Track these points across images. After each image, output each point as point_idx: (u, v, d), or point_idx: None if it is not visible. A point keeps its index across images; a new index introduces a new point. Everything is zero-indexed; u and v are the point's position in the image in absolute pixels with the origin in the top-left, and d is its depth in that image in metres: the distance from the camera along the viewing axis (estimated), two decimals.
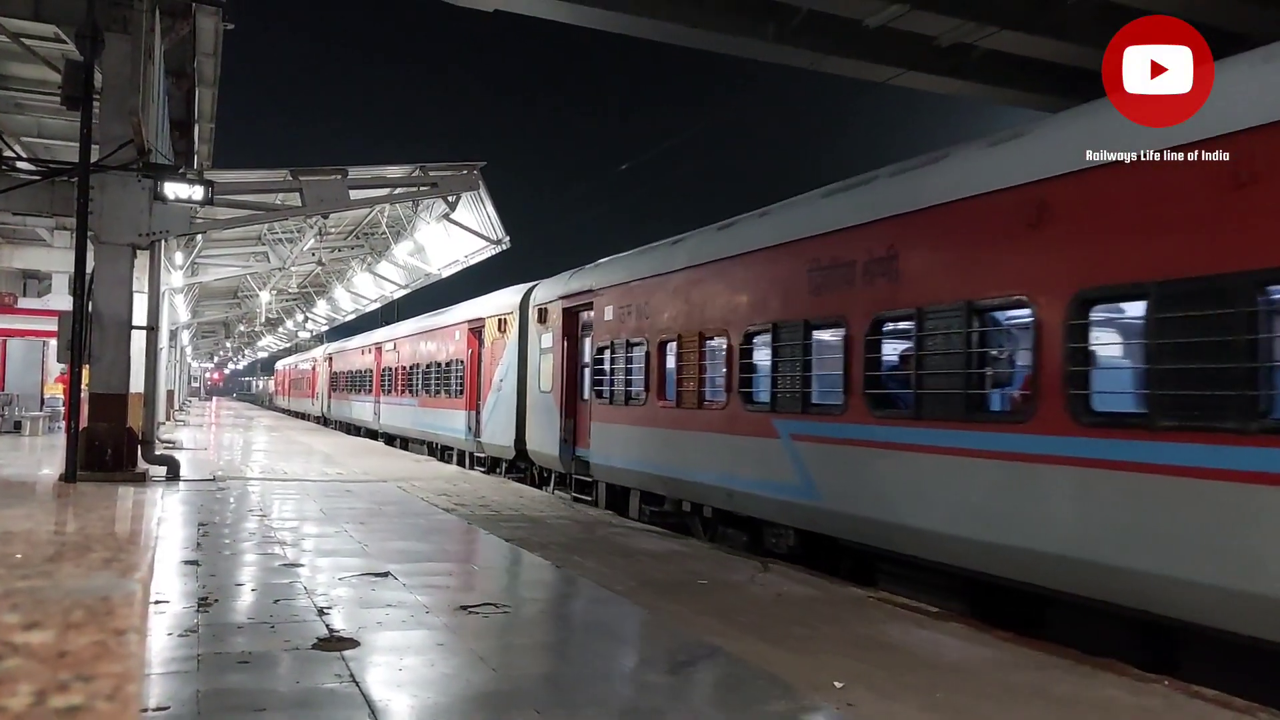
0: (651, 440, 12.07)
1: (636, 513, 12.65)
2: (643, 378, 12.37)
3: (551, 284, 16.47)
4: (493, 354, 18.91)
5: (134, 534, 9.46)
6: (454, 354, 21.98)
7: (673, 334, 11.62)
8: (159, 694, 4.53)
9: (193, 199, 13.31)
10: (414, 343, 26.20)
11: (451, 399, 21.89)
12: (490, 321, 19.17)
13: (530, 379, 16.65)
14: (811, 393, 9.02)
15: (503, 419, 18.02)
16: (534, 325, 16.50)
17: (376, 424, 31.26)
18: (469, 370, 20.70)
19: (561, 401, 15.19)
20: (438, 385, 23.26)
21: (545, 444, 15.79)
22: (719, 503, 10.57)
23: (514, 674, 5.08)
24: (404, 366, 27.22)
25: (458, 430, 21.38)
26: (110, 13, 12.60)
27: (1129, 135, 6.10)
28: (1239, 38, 17.22)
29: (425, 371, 24.65)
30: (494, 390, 18.66)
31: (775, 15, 19.12)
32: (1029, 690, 5.08)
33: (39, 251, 25.00)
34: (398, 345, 28.44)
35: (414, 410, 25.73)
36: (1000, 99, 22.76)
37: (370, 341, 33.59)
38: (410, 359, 26.47)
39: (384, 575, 7.59)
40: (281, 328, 61.60)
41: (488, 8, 18.64)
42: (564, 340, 15.29)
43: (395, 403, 28.57)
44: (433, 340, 24.18)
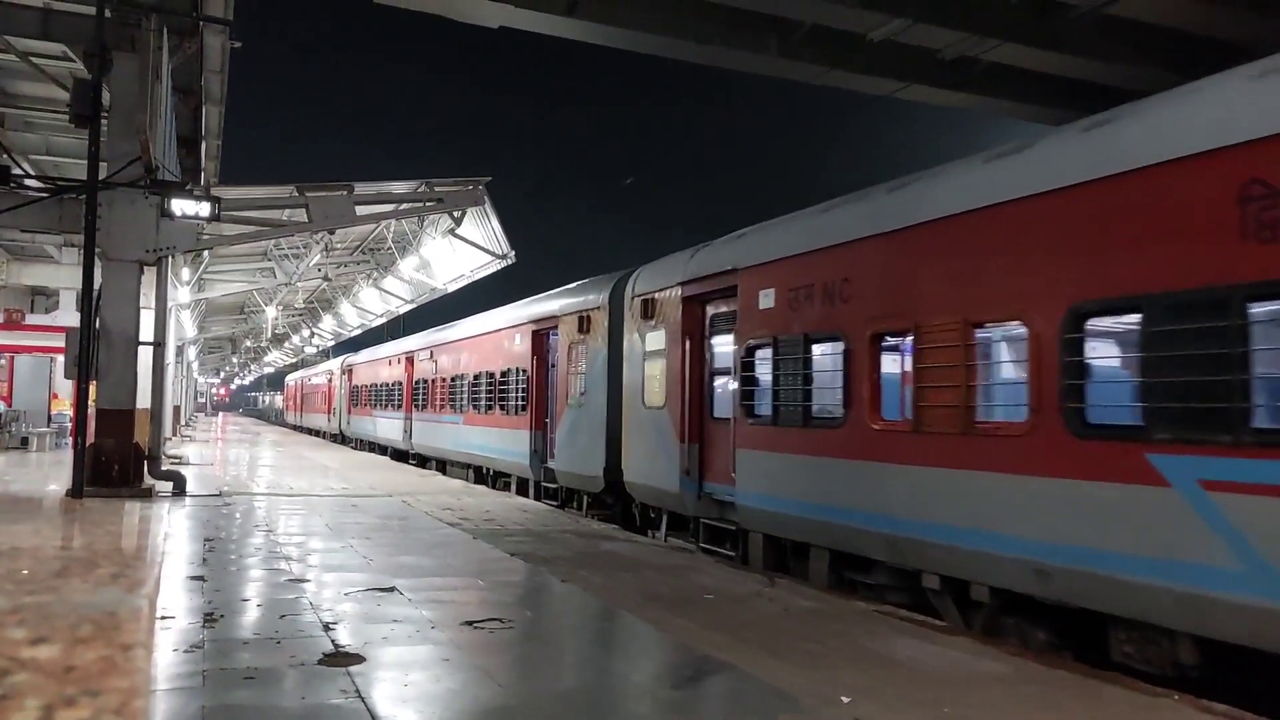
0: (860, 479, 8.49)
1: (821, 577, 9.10)
2: (840, 387, 8.86)
3: (662, 268, 13.04)
4: (569, 360, 15.83)
5: (140, 549, 9.47)
6: (512, 362, 18.71)
7: (905, 321, 8.11)
8: (165, 710, 4.53)
9: (200, 215, 13.39)
10: (458, 350, 23.02)
11: (509, 416, 18.67)
12: (566, 321, 16.03)
13: (629, 391, 13.49)
14: (1253, 408, 5.51)
15: (585, 442, 14.91)
16: (633, 322, 13.34)
17: (406, 443, 28.00)
18: (533, 381, 17.53)
19: (682, 420, 11.90)
20: (490, 399, 19.97)
21: (655, 475, 12.55)
22: (1016, 582, 6.96)
23: (520, 689, 5.06)
24: (444, 378, 24.02)
25: (517, 454, 18.08)
26: (118, 32, 12.74)
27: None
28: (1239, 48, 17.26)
29: (473, 383, 21.39)
30: (572, 406, 15.58)
31: (778, 30, 19.20)
32: (1037, 705, 5.05)
33: (47, 268, 25.17)
34: (436, 354, 25.18)
35: (457, 429, 22.54)
36: (1004, 112, 22.81)
37: (400, 350, 29.92)
38: (452, 369, 23.27)
39: (389, 590, 7.58)
40: (288, 343, 61.77)
41: (493, 23, 18.74)
42: (684, 340, 11.95)
43: (432, 420, 25.25)
44: (483, 346, 20.93)
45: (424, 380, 26.06)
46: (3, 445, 22.82)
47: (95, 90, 12.36)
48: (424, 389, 26.11)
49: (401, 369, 28.93)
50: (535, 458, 17.30)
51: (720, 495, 11.18)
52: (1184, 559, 5.75)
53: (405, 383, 28.46)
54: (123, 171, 12.91)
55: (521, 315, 18.64)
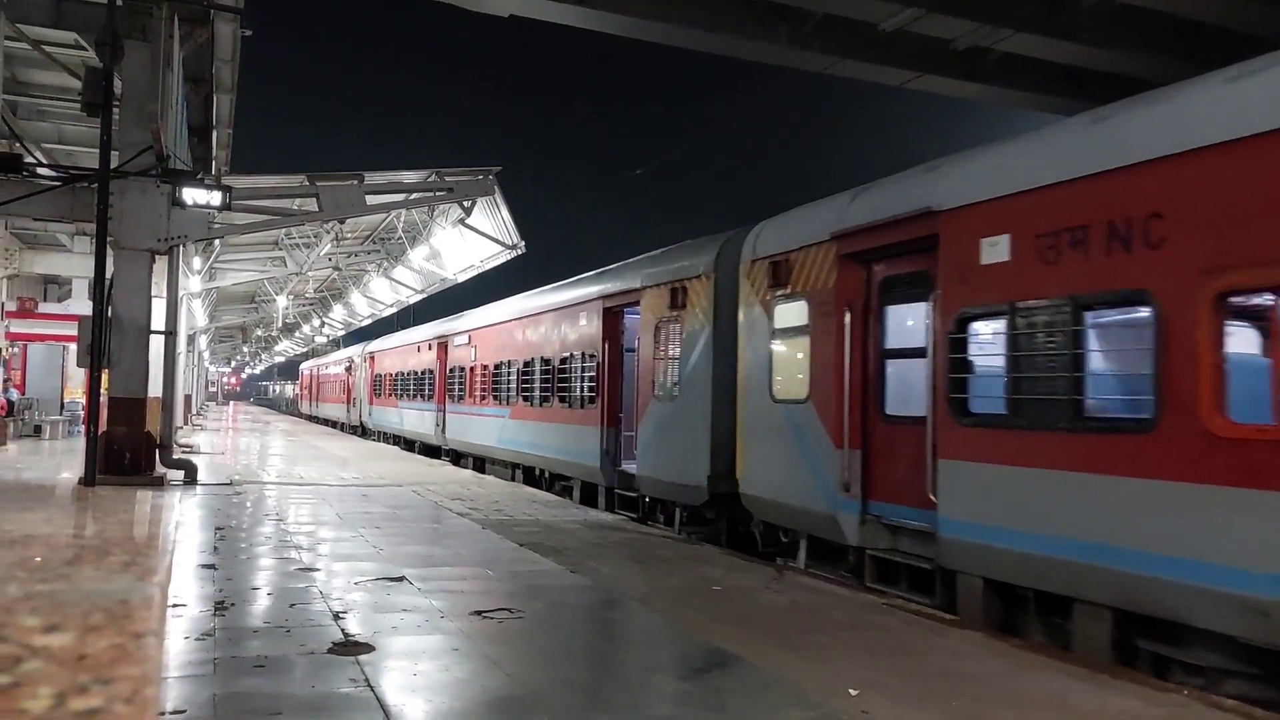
0: (1189, 510, 5.73)
1: (1098, 645, 6.32)
2: (1147, 373, 6.11)
3: (800, 220, 10.18)
4: (656, 343, 12.90)
5: (152, 538, 9.53)
6: (577, 346, 15.88)
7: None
8: (176, 697, 4.56)
9: (211, 204, 13.42)
10: (503, 334, 19.96)
11: (572, 410, 15.89)
12: (652, 296, 13.13)
13: (749, 380, 10.60)
14: None
15: (680, 443, 12.08)
16: (754, 291, 10.56)
17: (439, 438, 25.23)
18: (605, 369, 14.66)
19: (838, 418, 8.84)
20: (547, 390, 17.08)
21: (789, 488, 9.66)
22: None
23: (528, 679, 5.08)
24: (486, 366, 20.98)
25: (583, 455, 15.22)
26: (130, 20, 12.76)
27: None
28: (1252, 38, 17.12)
29: (524, 372, 18.42)
30: (661, 398, 12.75)
31: (788, 19, 19.10)
32: (1046, 699, 5.05)
33: (59, 257, 25.26)
34: (476, 338, 22.01)
35: (501, 424, 19.62)
36: (1017, 102, 22.66)
37: (431, 335, 26.84)
38: (496, 355, 20.29)
39: (399, 580, 7.61)
40: (298, 332, 61.94)
41: (503, 12, 18.70)
42: (841, 311, 8.89)
43: (470, 413, 22.24)
44: (536, 329, 17.95)
45: (460, 368, 23.21)
46: (16, 433, 22.97)
47: (107, 79, 12.39)
48: (460, 378, 23.23)
49: (433, 355, 26.00)
50: (607, 460, 14.47)
51: (901, 521, 8.36)
52: None
53: (438, 371, 25.60)
54: (134, 160, 12.95)
55: (588, 292, 15.74)
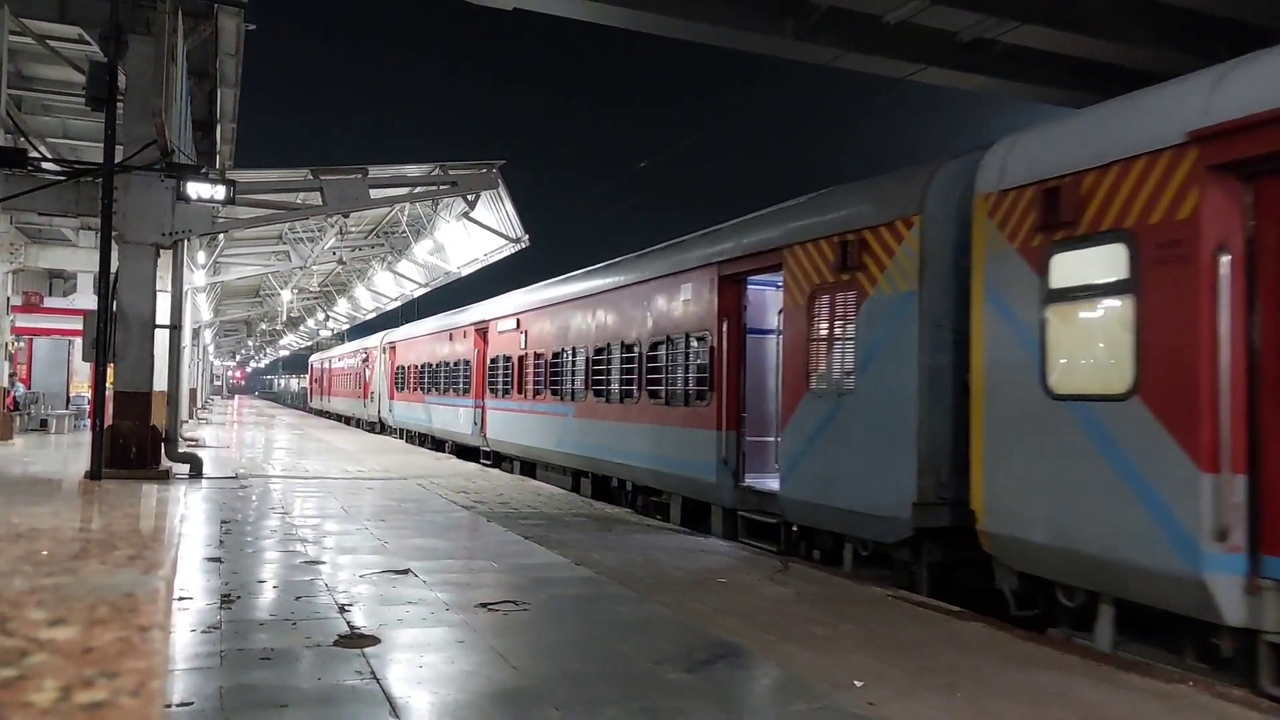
0: None
1: None
2: None
3: (1103, 122, 6.95)
4: (809, 318, 9.68)
5: (158, 531, 9.55)
6: (677, 325, 12.59)
7: None
8: (183, 690, 4.57)
9: (215, 198, 13.41)
10: (566, 315, 16.91)
11: (670, 408, 12.60)
12: (801, 255, 9.81)
13: (999, 365, 7.52)
14: None
15: (857, 453, 8.89)
16: (999, 239, 7.51)
17: (477, 438, 22.42)
18: (722, 355, 11.28)
19: (1207, 427, 5.78)
20: (630, 383, 13.96)
21: (1093, 531, 6.50)
22: None
23: (534, 671, 5.09)
24: (540, 354, 18.02)
25: (688, 466, 11.95)
26: (133, 14, 12.75)
27: None
28: (1260, 30, 17.04)
29: (595, 361, 15.31)
30: (822, 394, 9.47)
31: (794, 12, 19.04)
32: (1052, 691, 5.04)
33: (64, 251, 25.28)
34: (527, 322, 18.98)
35: (563, 423, 16.61)
36: (1022, 94, 22.58)
37: (468, 320, 23.75)
38: (555, 340, 17.34)
39: (404, 572, 7.63)
40: (303, 326, 62.01)
41: (506, 6, 18.65)
42: (1207, 258, 5.91)
43: (519, 409, 19.08)
44: (616, 306, 14.73)
45: (506, 358, 20.08)
46: (23, 427, 23.02)
47: (111, 73, 12.38)
48: (506, 369, 20.05)
49: (469, 344, 23.08)
50: (725, 473, 11.18)
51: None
52: None
53: (475, 361, 22.68)
54: (139, 155, 12.94)
55: (693, 257, 12.40)
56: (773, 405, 11.40)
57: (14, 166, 12.60)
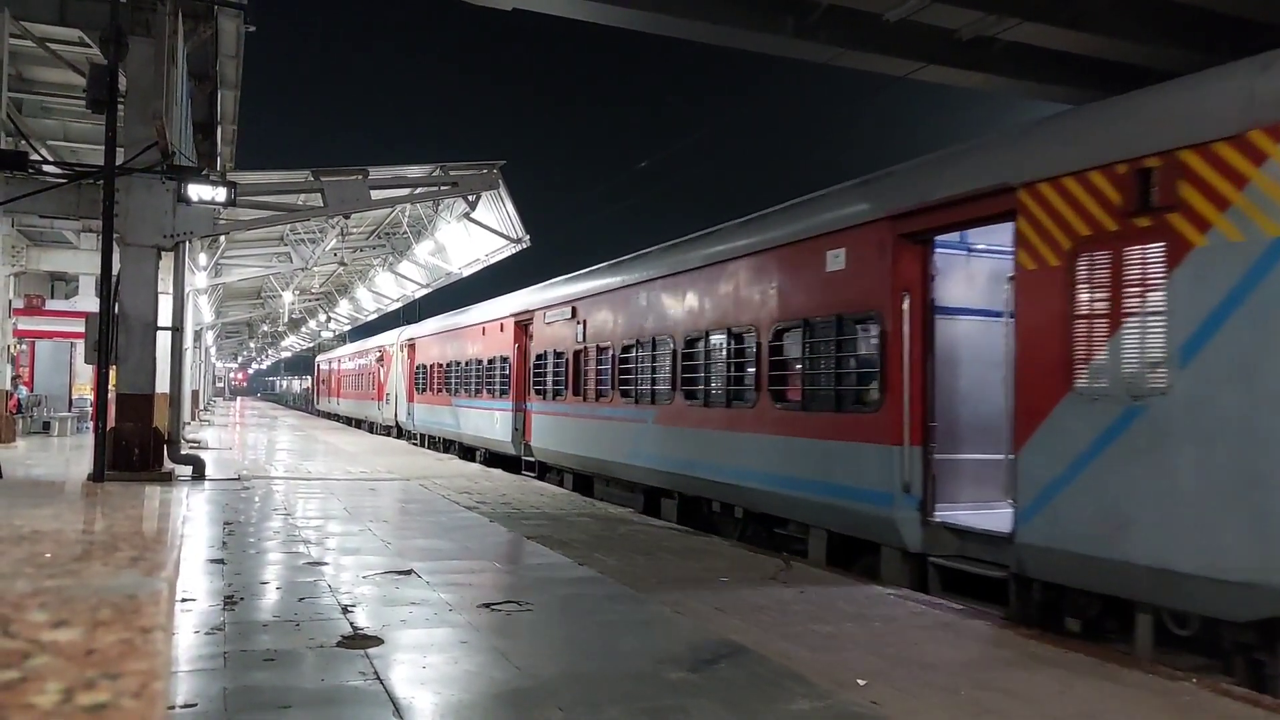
0: None
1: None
2: None
3: None
4: (1069, 287, 6.95)
5: (160, 533, 9.55)
6: (815, 305, 9.82)
7: None
8: (186, 691, 4.58)
9: (216, 200, 13.41)
10: (641, 301, 13.94)
11: (807, 415, 9.82)
12: (1046, 198, 7.18)
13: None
14: None
15: (1195, 485, 5.98)
16: None
17: (516, 445, 19.51)
18: (902, 343, 8.47)
19: None
20: (738, 380, 11.18)
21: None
22: None
23: (537, 671, 5.09)
24: (605, 348, 15.07)
25: (847, 491, 9.07)
26: (133, 16, 12.76)
27: None
28: (1263, 27, 17.02)
29: (687, 355, 12.37)
30: (1098, 397, 6.70)
31: (794, 10, 19.03)
32: (1055, 688, 5.04)
33: (66, 254, 25.30)
34: (585, 310, 16.13)
35: (639, 431, 13.62)
36: (1022, 92, 22.56)
37: (507, 311, 20.63)
38: (626, 331, 14.33)
39: (407, 573, 7.63)
40: (304, 328, 62.04)
41: (506, 6, 18.64)
42: None
43: (576, 414, 16.33)
44: (712, 285, 11.86)
45: (556, 353, 17.27)
46: (25, 430, 23.04)
47: (111, 75, 12.38)
48: (556, 367, 17.26)
49: (507, 338, 20.30)
50: (907, 503, 8.27)
51: None
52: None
53: (515, 358, 19.88)
54: (139, 157, 12.95)
55: (846, 214, 9.41)
56: (976, 411, 8.68)
57: (15, 169, 12.61)
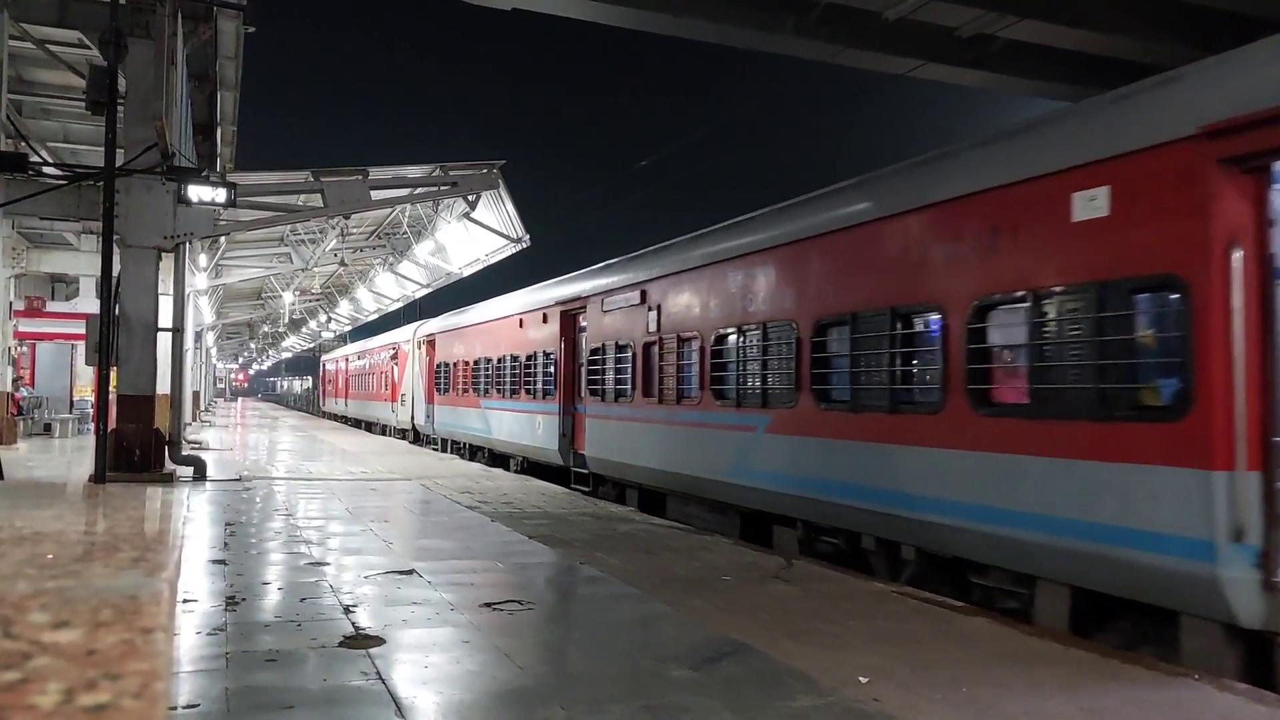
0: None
1: None
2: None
3: None
4: None
5: (162, 534, 9.55)
6: (1055, 270, 6.84)
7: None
8: (188, 692, 4.57)
9: (216, 201, 13.41)
10: (737, 277, 11.27)
11: (1032, 421, 6.92)
12: None
13: None
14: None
15: None
16: None
17: (564, 453, 17.00)
18: (1214, 322, 5.67)
19: None
20: (906, 377, 8.58)
21: None
22: None
23: (539, 670, 5.09)
24: (685, 338, 12.38)
25: (1108, 534, 6.22)
26: (133, 18, 12.76)
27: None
28: (1260, 22, 16.99)
29: (816, 345, 9.70)
30: None
31: (794, 9, 19.03)
32: (1056, 685, 5.03)
33: (66, 255, 25.32)
34: (656, 295, 13.38)
35: (745, 441, 10.87)
36: (1022, 90, 22.55)
37: (550, 299, 17.96)
38: (720, 318, 11.60)
39: (409, 573, 7.63)
40: (305, 328, 62.05)
41: (505, 6, 18.64)
42: None
43: (646, 419, 13.50)
44: (849, 256, 9.32)
45: (618, 346, 14.54)
46: (26, 431, 23.04)
47: (111, 77, 12.38)
48: (619, 362, 14.51)
49: (551, 331, 17.73)
50: (1238, 559, 5.57)
51: None
52: None
53: (561, 354, 17.41)
54: (139, 158, 12.95)
55: (1095, 138, 6.62)
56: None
57: (15, 171, 12.61)
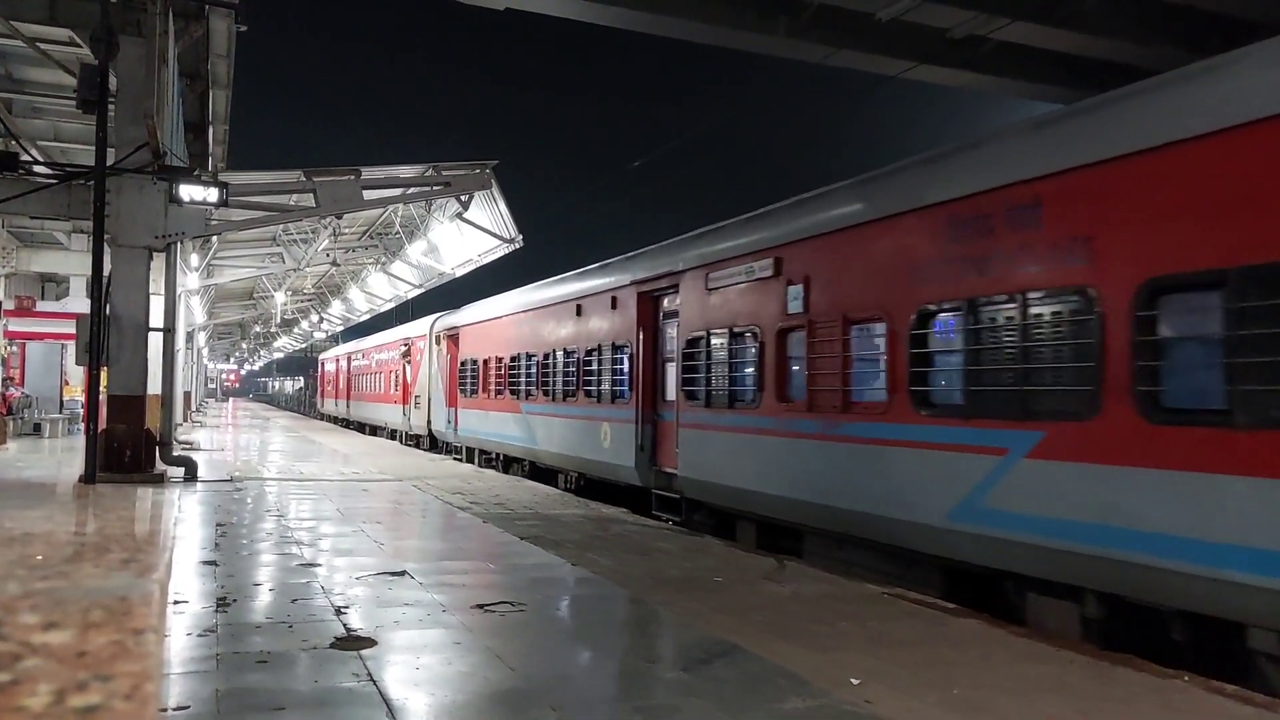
0: None
1: None
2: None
3: None
4: None
5: (152, 534, 9.51)
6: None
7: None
8: (179, 693, 4.56)
9: (208, 201, 13.37)
10: (948, 229, 7.80)
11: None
12: None
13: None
14: None
15: None
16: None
17: (642, 473, 13.59)
18: None
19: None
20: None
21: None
22: None
23: (531, 672, 5.08)
24: (856, 321, 9.10)
25: None
26: (124, 16, 12.69)
27: None
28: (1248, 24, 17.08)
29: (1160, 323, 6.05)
30: None
31: (787, 10, 19.07)
32: (1047, 686, 5.05)
33: (56, 255, 25.22)
34: (796, 259, 10.07)
35: (992, 469, 7.19)
36: (1013, 91, 22.64)
37: (621, 280, 14.53)
38: (976, 282, 7.48)
39: (400, 574, 7.61)
40: (297, 328, 61.91)
41: (499, 6, 18.64)
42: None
43: (773, 431, 10.27)
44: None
45: (731, 334, 11.19)
46: (16, 432, 22.93)
47: (102, 75, 12.32)
48: (737, 356, 11.13)
49: (624, 318, 14.24)
50: None
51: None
52: None
53: (638, 347, 13.76)
54: (130, 157, 12.90)
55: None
56: None
57: (5, 170, 12.57)
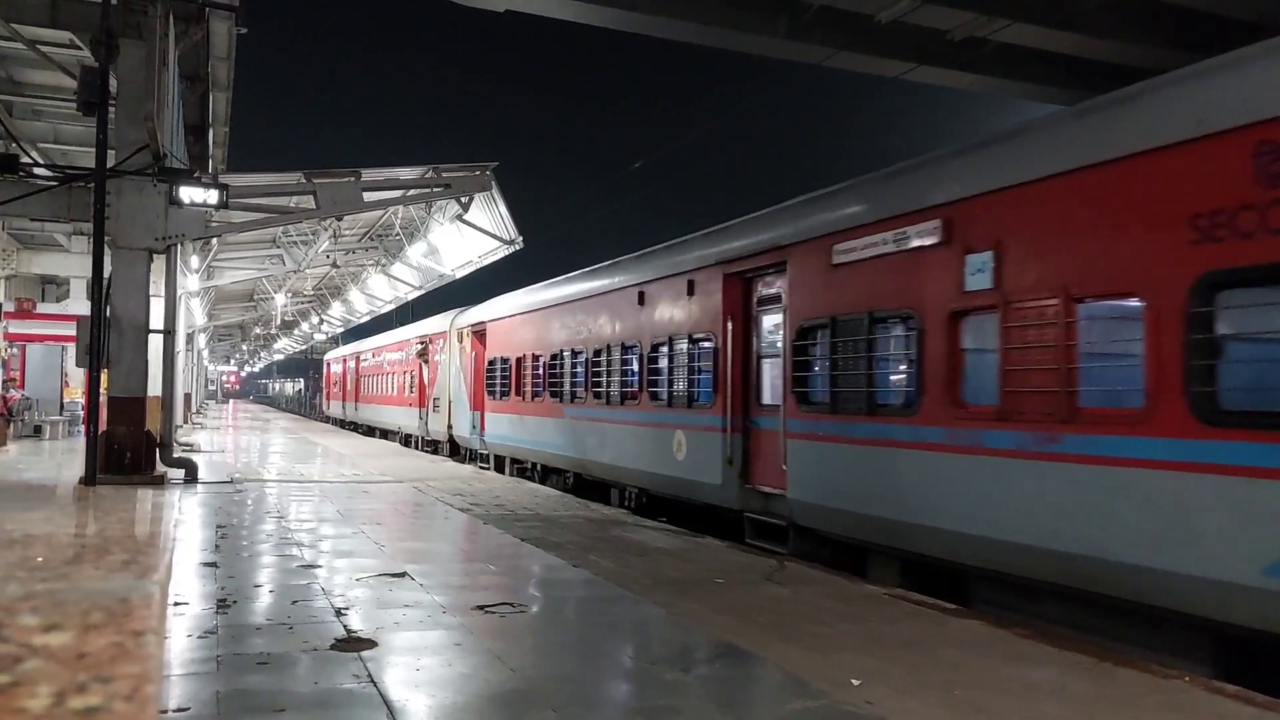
0: None
1: None
2: None
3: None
4: None
5: (153, 536, 9.52)
6: None
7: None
8: (179, 695, 4.55)
9: (208, 203, 13.38)
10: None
11: None
12: None
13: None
14: None
15: None
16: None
17: (730, 492, 10.95)
18: None
19: None
20: None
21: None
22: None
23: (531, 673, 5.08)
24: (1114, 293, 6.35)
25: None
26: (125, 19, 12.70)
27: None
28: (1249, 26, 17.08)
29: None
30: None
31: (787, 11, 19.08)
32: (1049, 687, 5.04)
33: (57, 257, 25.23)
34: (968, 224, 7.41)
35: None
36: (1013, 92, 22.65)
37: (712, 258, 11.61)
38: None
39: (401, 575, 7.61)
40: (297, 330, 61.93)
41: (499, 8, 18.67)
42: None
43: (946, 445, 7.59)
44: None
45: (870, 318, 8.59)
46: (16, 434, 22.93)
47: (102, 78, 12.34)
48: (871, 349, 8.60)
49: (708, 306, 11.61)
50: None
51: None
52: None
53: (726, 340, 11.19)
54: (130, 159, 12.90)
55: None
56: None
57: (6, 172, 12.58)
